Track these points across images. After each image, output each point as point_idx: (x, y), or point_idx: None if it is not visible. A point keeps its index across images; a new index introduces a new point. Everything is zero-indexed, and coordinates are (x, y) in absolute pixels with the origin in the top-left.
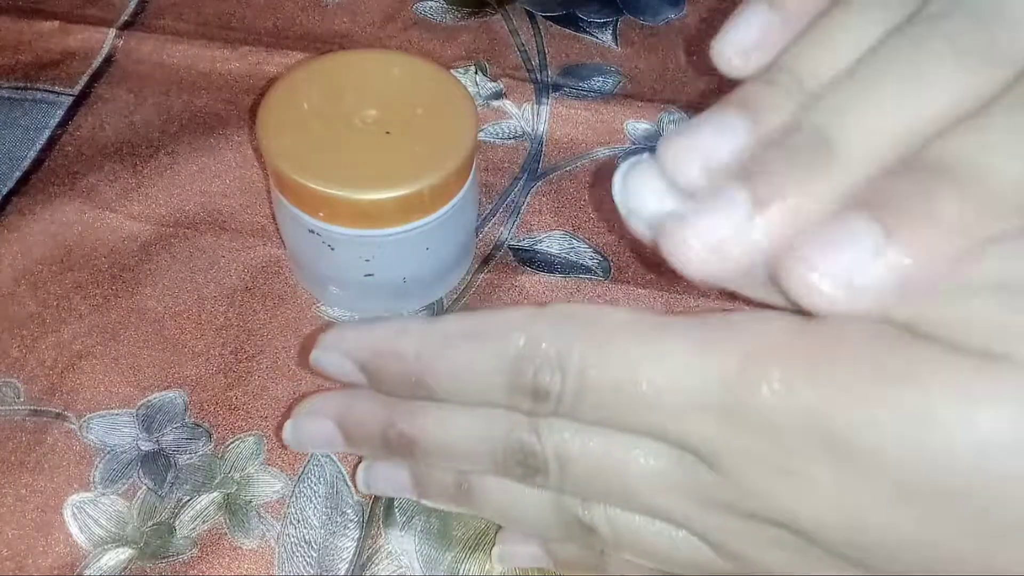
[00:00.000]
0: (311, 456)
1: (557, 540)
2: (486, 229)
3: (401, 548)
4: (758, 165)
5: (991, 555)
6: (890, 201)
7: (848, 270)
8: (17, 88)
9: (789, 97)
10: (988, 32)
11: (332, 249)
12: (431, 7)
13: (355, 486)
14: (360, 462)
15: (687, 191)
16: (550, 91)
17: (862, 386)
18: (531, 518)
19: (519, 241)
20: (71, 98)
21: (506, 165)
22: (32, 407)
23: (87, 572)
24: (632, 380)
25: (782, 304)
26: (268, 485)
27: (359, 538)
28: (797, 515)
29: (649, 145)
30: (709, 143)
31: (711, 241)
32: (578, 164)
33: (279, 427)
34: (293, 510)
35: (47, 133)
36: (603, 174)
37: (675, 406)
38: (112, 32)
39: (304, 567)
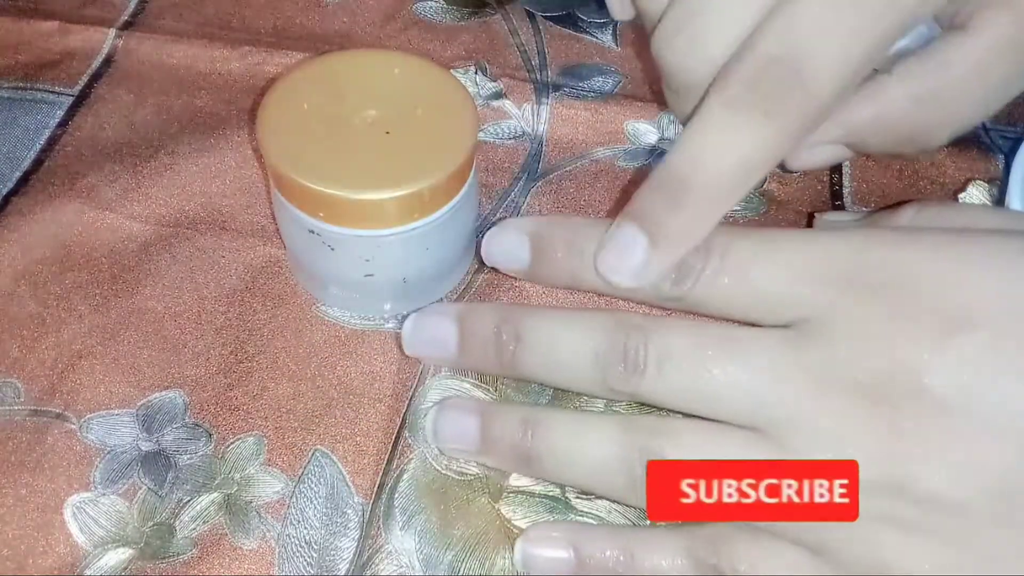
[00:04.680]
0: (311, 457)
1: (609, 487)
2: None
3: (401, 548)
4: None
5: None
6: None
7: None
8: (17, 88)
9: None
10: None
11: (332, 249)
12: (431, 7)
13: (355, 488)
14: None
15: None
16: (550, 91)
17: None
18: (593, 458)
19: None
20: (71, 98)
21: (506, 165)
22: (32, 407)
23: (87, 572)
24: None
25: None
26: (268, 485)
27: (359, 538)
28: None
29: (652, 150)
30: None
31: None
32: (578, 164)
33: (279, 427)
34: (293, 510)
35: (47, 133)
36: (603, 175)
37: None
38: (112, 32)
39: (304, 567)
